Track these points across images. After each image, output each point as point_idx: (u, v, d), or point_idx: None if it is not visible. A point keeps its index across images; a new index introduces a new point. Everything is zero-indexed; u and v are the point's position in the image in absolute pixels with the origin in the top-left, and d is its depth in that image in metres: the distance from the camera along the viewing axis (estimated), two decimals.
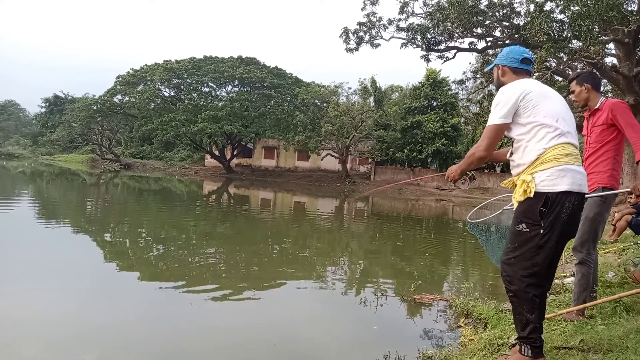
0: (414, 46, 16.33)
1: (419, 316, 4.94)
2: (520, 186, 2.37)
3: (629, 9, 11.39)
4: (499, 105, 2.45)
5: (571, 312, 3.32)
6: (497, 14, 14.58)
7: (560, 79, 14.96)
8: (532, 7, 13.31)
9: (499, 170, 34.66)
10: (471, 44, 16.11)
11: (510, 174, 2.59)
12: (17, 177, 27.08)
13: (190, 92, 40.96)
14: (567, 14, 11.89)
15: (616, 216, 6.85)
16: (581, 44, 11.47)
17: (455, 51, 16.26)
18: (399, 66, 65.97)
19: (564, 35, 12.01)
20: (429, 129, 34.63)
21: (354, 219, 16.66)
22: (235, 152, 42.90)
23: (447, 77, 36.06)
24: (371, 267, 7.96)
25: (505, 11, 14.55)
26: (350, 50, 17.61)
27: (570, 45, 12.02)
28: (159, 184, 28.58)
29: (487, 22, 14.68)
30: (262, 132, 40.13)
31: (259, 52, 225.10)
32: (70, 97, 59.68)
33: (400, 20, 16.52)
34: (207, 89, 42.26)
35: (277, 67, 42.53)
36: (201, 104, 39.92)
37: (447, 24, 14.66)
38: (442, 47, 16.10)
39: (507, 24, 14.76)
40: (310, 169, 42.11)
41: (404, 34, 16.51)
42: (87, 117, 42.00)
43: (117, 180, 29.69)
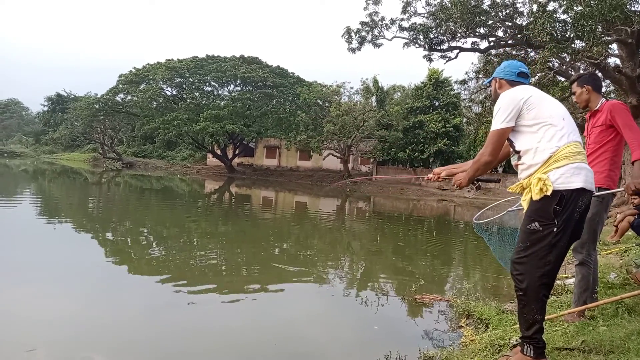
0: (417, 46, 16.29)
1: (420, 316, 4.93)
2: (536, 184, 2.34)
3: (633, 9, 11.34)
4: (501, 110, 2.47)
5: (572, 314, 3.33)
6: (500, 14, 14.54)
7: (562, 80, 14.91)
8: (535, 7, 13.26)
9: (500, 170, 34.60)
10: (474, 43, 16.07)
11: (511, 176, 2.58)
12: (20, 176, 27.14)
13: (192, 91, 40.98)
14: (570, 14, 11.84)
15: (618, 217, 6.83)
16: (584, 44, 11.43)
17: (457, 51, 16.22)
18: (401, 66, 65.84)
19: (567, 35, 11.98)
20: (431, 129, 34.58)
21: (355, 219, 16.64)
22: (237, 152, 42.93)
23: (450, 77, 36.02)
24: (372, 267, 7.96)
25: (508, 11, 14.52)
26: (352, 49, 17.58)
27: (573, 45, 11.98)
28: (160, 183, 28.61)
29: (490, 22, 14.64)
30: (264, 131, 40.12)
31: (261, 52, 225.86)
32: (72, 96, 59.75)
33: (402, 19, 16.48)
34: (209, 88, 42.28)
35: (279, 66, 42.54)
36: (203, 103, 39.94)
37: (450, 23, 14.62)
38: (445, 47, 16.06)
39: (510, 24, 14.73)
40: (312, 168, 42.10)
41: (406, 34, 16.48)
42: (90, 115, 42.06)
43: (119, 179, 29.74)
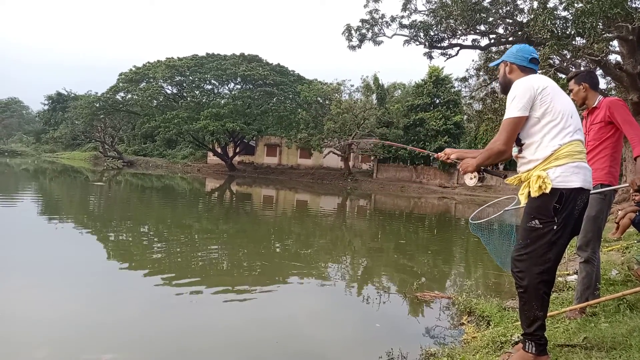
0: (417, 43, 16.25)
1: (422, 314, 4.94)
2: (535, 182, 2.34)
3: (634, 5, 11.31)
4: (517, 97, 2.39)
5: (574, 310, 3.34)
6: (501, 11, 14.51)
7: (563, 77, 14.87)
8: (535, 4, 13.23)
9: (501, 167, 34.56)
10: (474, 41, 16.04)
11: (513, 173, 2.58)
12: (21, 175, 27.15)
13: (192, 90, 40.90)
14: (570, 11, 11.81)
15: (620, 214, 6.83)
16: (585, 41, 11.40)
17: (458, 48, 16.19)
18: (402, 64, 65.74)
19: (568, 32, 11.94)
20: (432, 127, 34.54)
21: (356, 217, 16.65)
22: (237, 150, 42.88)
23: (450, 74, 35.89)
24: (374, 264, 7.96)
25: (508, 8, 14.48)
26: (352, 47, 17.54)
27: (573, 42, 11.95)
28: (161, 181, 28.61)
29: (490, 19, 14.61)
30: (264, 129, 40.07)
31: (261, 50, 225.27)
32: (72, 95, 59.66)
33: (402, 17, 16.44)
34: (209, 87, 42.18)
35: (279, 64, 42.43)
36: (203, 101, 39.86)
37: (450, 21, 14.59)
38: (445, 44, 16.03)
39: (511, 21, 14.70)
40: (312, 166, 42.07)
41: (406, 31, 16.44)
42: (90, 114, 42.00)
43: (120, 177, 29.74)
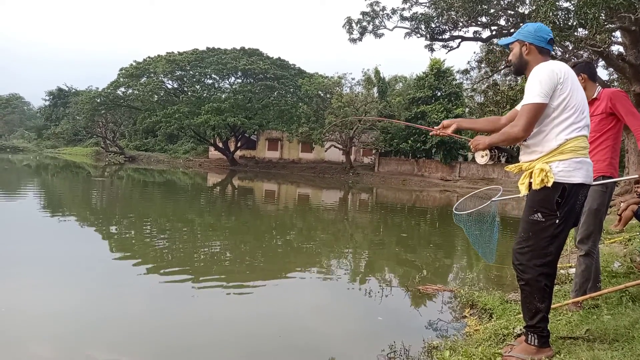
0: (418, 36, 16.16)
1: (424, 307, 4.95)
2: (538, 175, 2.33)
3: None
4: (541, 83, 2.31)
5: (574, 303, 3.34)
6: (502, 3, 14.41)
7: None
8: None
9: (503, 160, 34.49)
10: (476, 33, 15.95)
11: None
12: (23, 171, 27.21)
13: (193, 84, 40.82)
14: (572, 2, 11.72)
15: (622, 206, 6.80)
16: (587, 32, 11.32)
17: (459, 40, 16.10)
18: (403, 56, 65.50)
19: (570, 23, 11.85)
20: (433, 120, 34.38)
21: (358, 210, 16.66)
22: (239, 144, 42.84)
23: (452, 66, 35.66)
24: (376, 258, 7.97)
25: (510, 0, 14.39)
26: (353, 40, 17.45)
27: (576, 33, 11.86)
28: (163, 176, 28.65)
29: (492, 10, 14.50)
30: (265, 123, 39.98)
31: (261, 44, 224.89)
32: (73, 90, 59.52)
33: (404, 9, 16.34)
34: (210, 81, 42.06)
35: (280, 58, 42.26)
36: (204, 95, 39.78)
37: (452, 12, 14.49)
38: (446, 36, 15.94)
39: (512, 13, 14.59)
40: (314, 160, 42.04)
41: (407, 24, 16.34)
42: (91, 110, 41.97)
43: (122, 172, 29.78)
